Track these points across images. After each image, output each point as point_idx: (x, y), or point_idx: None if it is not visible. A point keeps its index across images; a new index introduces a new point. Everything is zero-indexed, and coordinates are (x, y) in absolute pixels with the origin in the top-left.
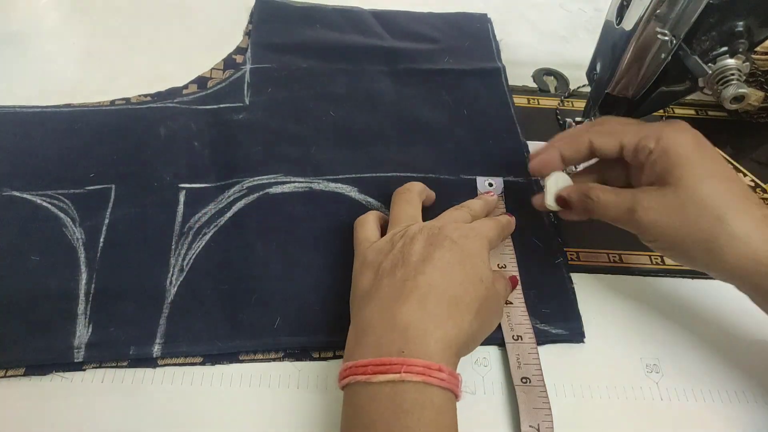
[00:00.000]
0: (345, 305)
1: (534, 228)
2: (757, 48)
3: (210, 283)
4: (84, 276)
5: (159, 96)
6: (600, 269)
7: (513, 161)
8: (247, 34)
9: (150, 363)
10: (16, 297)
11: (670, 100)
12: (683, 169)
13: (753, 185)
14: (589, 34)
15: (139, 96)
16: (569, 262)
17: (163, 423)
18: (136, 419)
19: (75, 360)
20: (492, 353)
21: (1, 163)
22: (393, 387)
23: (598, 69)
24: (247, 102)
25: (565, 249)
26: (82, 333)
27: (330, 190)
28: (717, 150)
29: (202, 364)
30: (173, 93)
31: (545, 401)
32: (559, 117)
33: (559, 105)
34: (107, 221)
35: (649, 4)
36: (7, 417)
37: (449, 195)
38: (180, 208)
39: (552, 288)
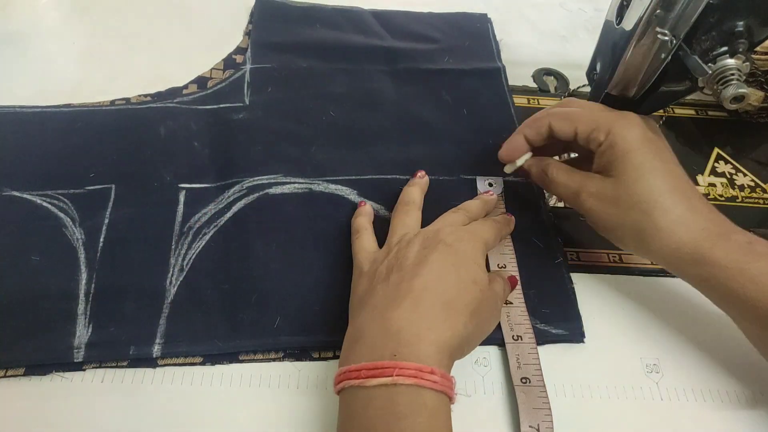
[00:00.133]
0: (345, 305)
1: (534, 228)
2: (757, 48)
3: (210, 283)
4: (84, 276)
5: (159, 96)
6: (600, 269)
7: None
8: (247, 33)
9: (150, 363)
10: (16, 297)
11: (670, 100)
12: (623, 165)
13: (753, 185)
14: (589, 33)
15: (139, 96)
16: (569, 262)
17: (163, 423)
18: (135, 419)
19: (75, 360)
20: (492, 353)
21: (1, 163)
22: (386, 390)
23: (598, 69)
24: (247, 102)
25: (565, 249)
26: (81, 333)
27: (330, 191)
28: (663, 143)
29: (202, 364)
30: (173, 93)
31: (545, 401)
32: None
33: None
34: (107, 221)
35: (649, 4)
36: (7, 417)
37: (449, 195)
38: (180, 208)
39: (552, 288)
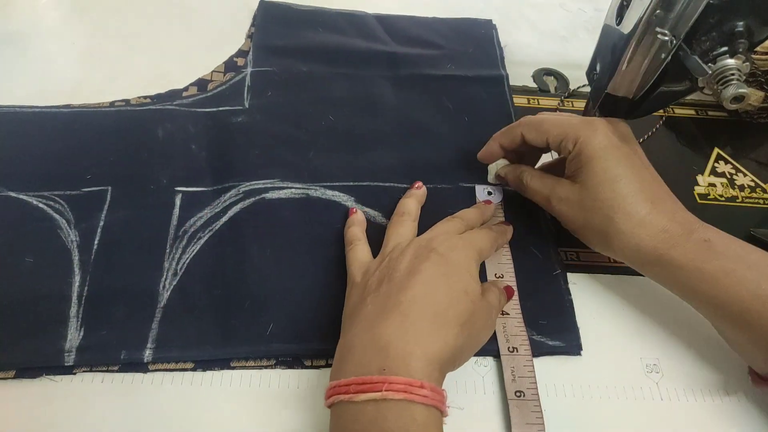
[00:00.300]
0: (339, 313)
1: (533, 238)
2: (757, 48)
3: (203, 288)
4: (77, 278)
5: (159, 98)
6: (600, 269)
7: None
8: (250, 36)
9: (141, 368)
10: (8, 298)
11: (670, 100)
12: (588, 171)
13: (753, 185)
14: (589, 34)
15: (139, 98)
16: (569, 262)
17: (154, 427)
18: (126, 423)
19: (65, 363)
20: (490, 360)
21: None
22: (375, 405)
23: (597, 69)
24: (247, 105)
25: (566, 249)
26: (73, 336)
27: (327, 197)
28: (630, 149)
29: (193, 369)
30: (173, 95)
31: (539, 416)
32: None
33: (559, 105)
34: (102, 223)
35: (649, 4)
36: None
37: (448, 203)
38: (175, 211)
39: (550, 299)
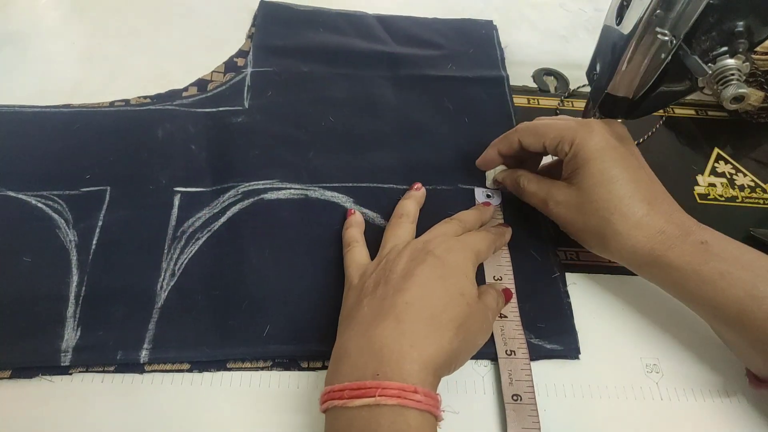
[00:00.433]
0: (336, 315)
1: (532, 240)
2: (757, 48)
3: (201, 289)
4: (75, 278)
5: (159, 98)
6: (600, 269)
7: None
8: (250, 36)
9: (137, 368)
10: (6, 298)
11: (670, 100)
12: (584, 173)
13: (753, 185)
14: (589, 34)
15: (139, 98)
16: (569, 262)
17: (151, 428)
18: (123, 423)
19: (62, 363)
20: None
21: None
22: (369, 411)
23: (597, 69)
24: (247, 105)
25: (566, 249)
26: (70, 336)
27: (326, 198)
28: (626, 150)
29: (189, 371)
30: (173, 95)
31: (535, 420)
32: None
33: (559, 105)
34: (101, 223)
35: (649, 4)
36: None
37: (447, 205)
38: (174, 211)
39: (548, 302)
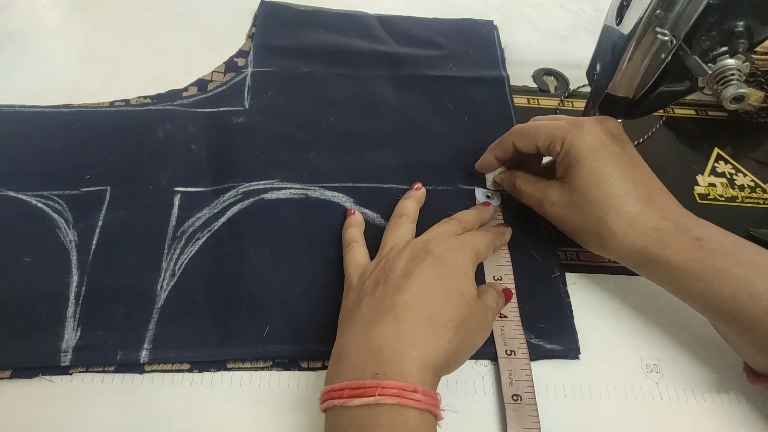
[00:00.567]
0: (336, 315)
1: (532, 240)
2: (757, 48)
3: (201, 289)
4: (75, 278)
5: (159, 98)
6: (600, 269)
7: None
8: (250, 36)
9: (137, 368)
10: (6, 298)
11: (670, 100)
12: (576, 172)
13: (753, 185)
14: (589, 34)
15: (139, 98)
16: (569, 262)
17: (151, 428)
18: (123, 423)
19: (62, 364)
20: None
21: None
22: (369, 410)
23: (597, 69)
24: (247, 105)
25: (565, 249)
26: (70, 336)
27: (326, 198)
28: (619, 147)
29: (189, 371)
30: (173, 95)
31: (535, 420)
32: None
33: (559, 105)
34: (101, 223)
35: (649, 4)
36: None
37: (447, 205)
38: (174, 211)
39: (548, 302)
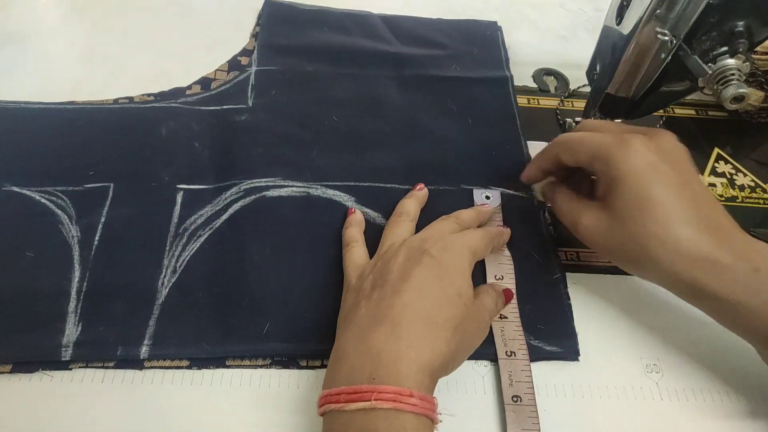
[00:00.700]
0: (336, 314)
1: (532, 242)
2: (757, 48)
3: (202, 286)
4: (77, 274)
5: (162, 96)
6: (600, 269)
7: (515, 174)
8: (254, 36)
9: (136, 365)
10: (8, 292)
11: (670, 100)
12: (618, 195)
13: (753, 185)
14: (589, 34)
15: (143, 95)
16: (569, 261)
17: (151, 425)
18: (122, 420)
19: (62, 359)
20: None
21: (3, 158)
22: (365, 415)
23: (598, 69)
24: (251, 104)
25: (565, 249)
26: (71, 331)
27: (327, 197)
28: (669, 167)
29: (188, 368)
30: (176, 93)
31: (535, 422)
32: (559, 117)
33: (559, 105)
34: (103, 220)
35: (649, 4)
36: None
37: (449, 205)
38: (177, 208)
39: (548, 304)
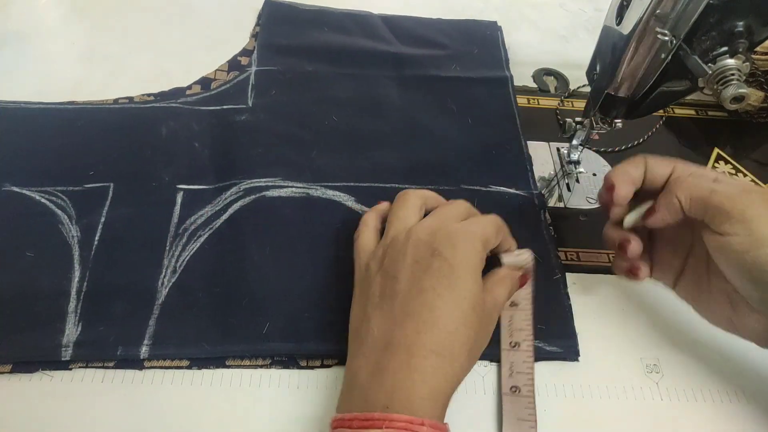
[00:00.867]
0: (336, 313)
1: (533, 243)
2: (757, 48)
3: (202, 286)
4: (77, 274)
5: (162, 96)
6: (600, 269)
7: (515, 173)
8: (254, 35)
9: (136, 365)
10: (8, 292)
11: (670, 100)
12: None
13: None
14: (589, 34)
15: (143, 95)
16: (569, 261)
17: (151, 425)
18: (122, 420)
19: (62, 358)
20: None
21: (4, 158)
22: None
23: (597, 69)
24: (251, 104)
25: (565, 249)
26: (71, 331)
27: (327, 197)
28: None
29: (188, 368)
30: (176, 93)
31: (531, 413)
32: (559, 117)
33: (559, 105)
34: (103, 220)
35: (649, 4)
36: None
37: None
38: (176, 209)
39: (549, 304)
